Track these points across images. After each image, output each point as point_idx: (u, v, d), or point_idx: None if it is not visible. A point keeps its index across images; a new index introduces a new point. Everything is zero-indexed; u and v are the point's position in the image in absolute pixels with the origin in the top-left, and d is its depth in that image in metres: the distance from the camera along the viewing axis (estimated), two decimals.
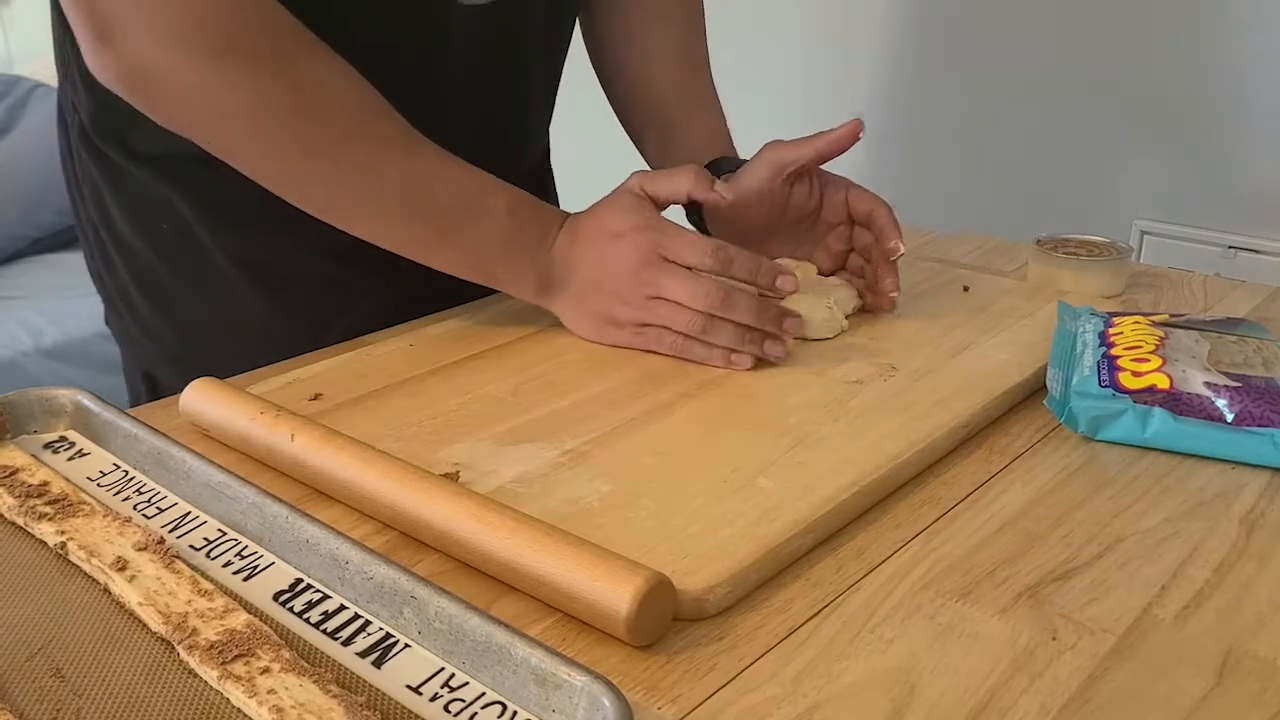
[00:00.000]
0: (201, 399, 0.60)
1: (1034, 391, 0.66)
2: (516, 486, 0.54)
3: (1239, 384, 0.59)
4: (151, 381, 0.85)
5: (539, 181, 0.96)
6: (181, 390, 0.61)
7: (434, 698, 0.40)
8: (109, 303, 0.87)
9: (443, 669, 0.41)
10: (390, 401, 0.63)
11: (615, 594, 0.43)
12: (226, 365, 0.67)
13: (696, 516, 0.51)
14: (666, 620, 0.44)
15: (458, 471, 0.55)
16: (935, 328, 0.75)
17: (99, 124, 0.79)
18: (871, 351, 0.70)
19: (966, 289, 0.82)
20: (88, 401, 0.59)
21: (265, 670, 0.40)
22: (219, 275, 0.80)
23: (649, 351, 0.70)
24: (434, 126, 0.70)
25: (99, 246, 0.84)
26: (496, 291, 0.82)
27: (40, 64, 2.86)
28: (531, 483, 0.54)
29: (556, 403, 0.63)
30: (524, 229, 0.71)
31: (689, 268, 0.69)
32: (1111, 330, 0.66)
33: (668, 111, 0.91)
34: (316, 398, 0.63)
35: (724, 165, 0.83)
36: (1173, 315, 0.69)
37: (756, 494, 0.53)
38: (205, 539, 0.50)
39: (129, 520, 0.50)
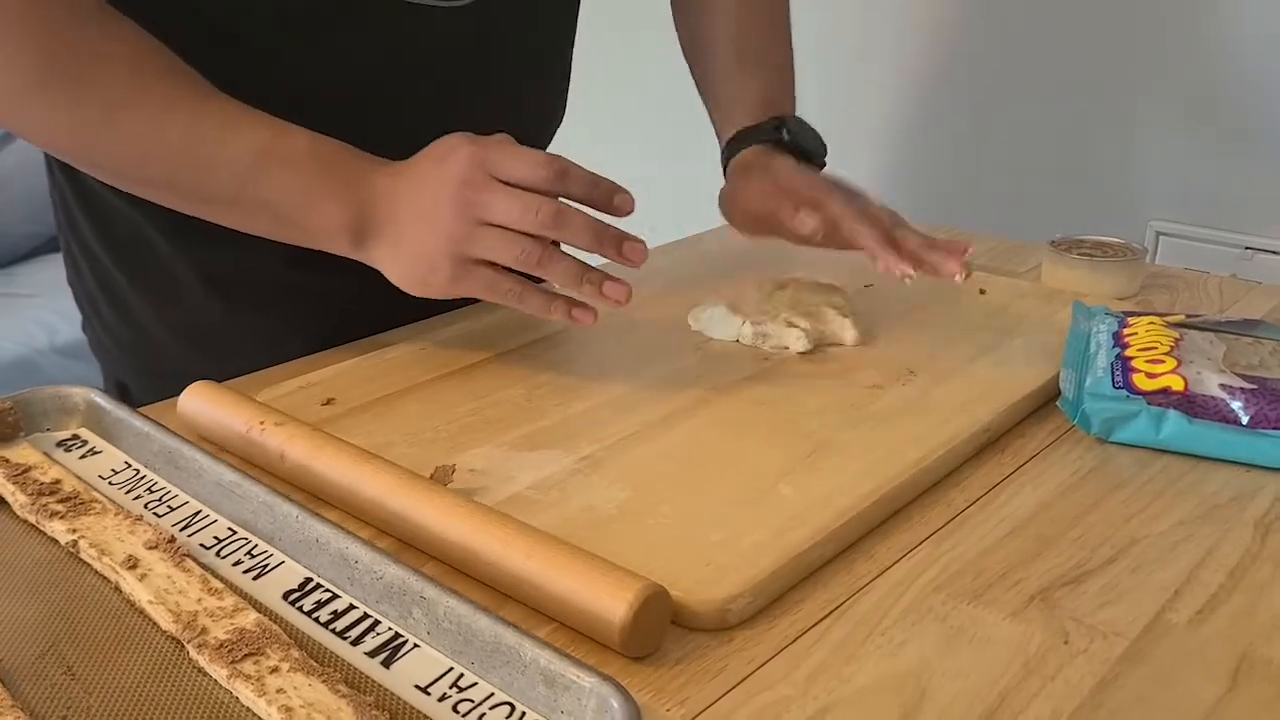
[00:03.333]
0: (196, 405, 0.59)
1: (1052, 395, 0.66)
2: (533, 493, 0.53)
3: (1255, 386, 0.59)
4: (124, 390, 0.84)
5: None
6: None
7: (443, 698, 0.40)
8: (81, 311, 0.86)
9: (451, 669, 0.41)
10: (403, 406, 0.63)
11: (608, 607, 0.42)
12: (191, 374, 0.66)
13: (717, 524, 0.50)
14: (664, 628, 0.44)
15: (453, 467, 0.54)
16: (953, 331, 0.74)
17: None
18: (889, 356, 0.70)
19: (983, 291, 0.82)
20: (100, 400, 0.59)
21: (274, 669, 0.40)
22: (178, 284, 0.78)
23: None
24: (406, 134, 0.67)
25: (69, 255, 0.84)
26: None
27: None
28: (548, 489, 0.54)
29: (572, 407, 0.63)
30: (331, 170, 0.64)
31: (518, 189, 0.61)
32: (1126, 331, 0.66)
33: (716, 85, 0.89)
34: (329, 402, 0.63)
35: (759, 132, 0.81)
36: (1188, 316, 0.69)
37: (777, 501, 0.52)
38: (215, 538, 0.50)
39: (140, 519, 0.50)
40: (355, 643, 0.43)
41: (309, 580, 0.47)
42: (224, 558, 0.48)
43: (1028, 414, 0.64)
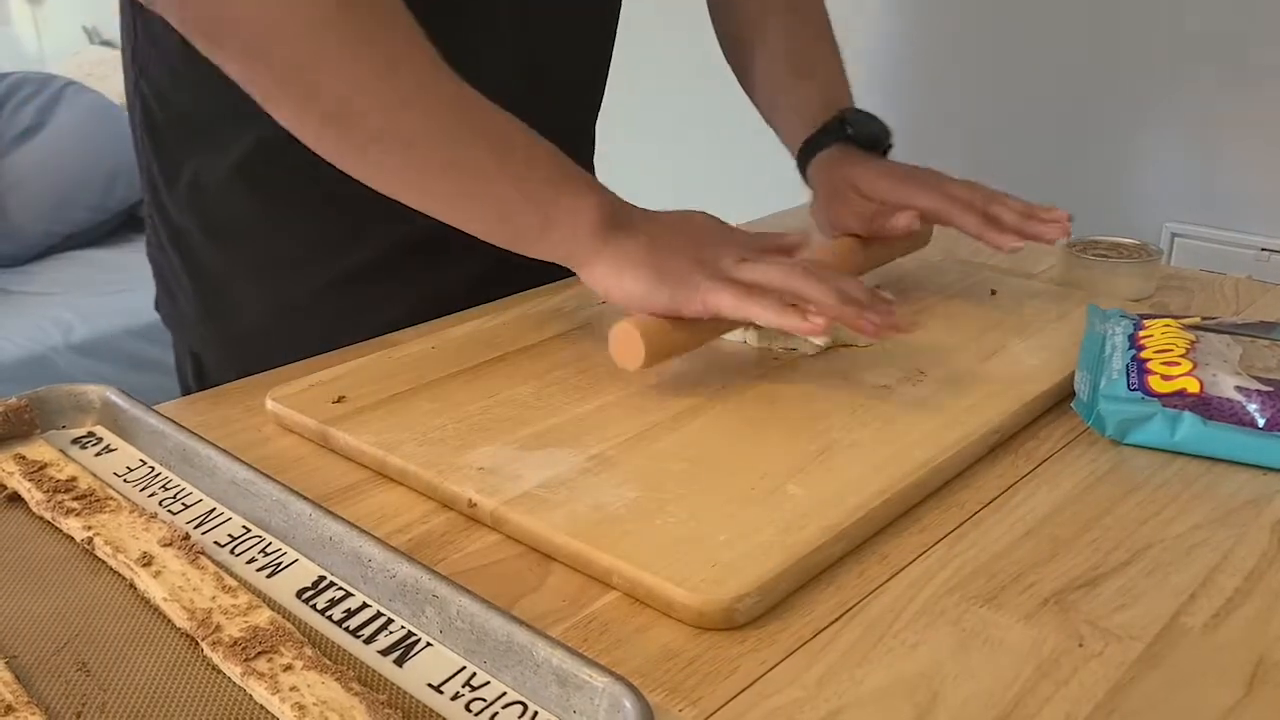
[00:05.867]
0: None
1: (1064, 396, 0.66)
2: (542, 492, 0.53)
3: (1271, 389, 0.58)
4: (197, 361, 0.86)
5: (580, 144, 0.92)
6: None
7: (455, 697, 0.40)
8: (162, 286, 0.88)
9: (464, 668, 0.41)
10: (413, 405, 0.63)
11: None
12: (276, 352, 0.67)
13: (725, 524, 0.50)
14: None
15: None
16: (963, 332, 0.74)
17: (162, 109, 0.80)
18: (899, 356, 0.70)
19: (994, 292, 0.82)
20: (115, 397, 0.59)
21: (288, 667, 0.40)
22: (276, 262, 0.80)
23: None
24: (474, 59, 0.67)
25: (153, 230, 0.86)
26: (519, 290, 0.82)
27: (72, 62, 2.89)
28: (557, 488, 0.54)
29: (581, 406, 0.63)
30: (572, 166, 0.66)
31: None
32: (1142, 333, 0.66)
33: (770, 94, 0.92)
34: (340, 400, 0.63)
35: (825, 134, 0.85)
36: (1204, 318, 0.69)
37: (786, 501, 0.52)
38: (229, 535, 0.50)
39: (155, 516, 0.50)
40: (368, 641, 0.43)
41: (322, 578, 0.47)
42: (238, 555, 0.49)
43: (1039, 415, 0.64)
